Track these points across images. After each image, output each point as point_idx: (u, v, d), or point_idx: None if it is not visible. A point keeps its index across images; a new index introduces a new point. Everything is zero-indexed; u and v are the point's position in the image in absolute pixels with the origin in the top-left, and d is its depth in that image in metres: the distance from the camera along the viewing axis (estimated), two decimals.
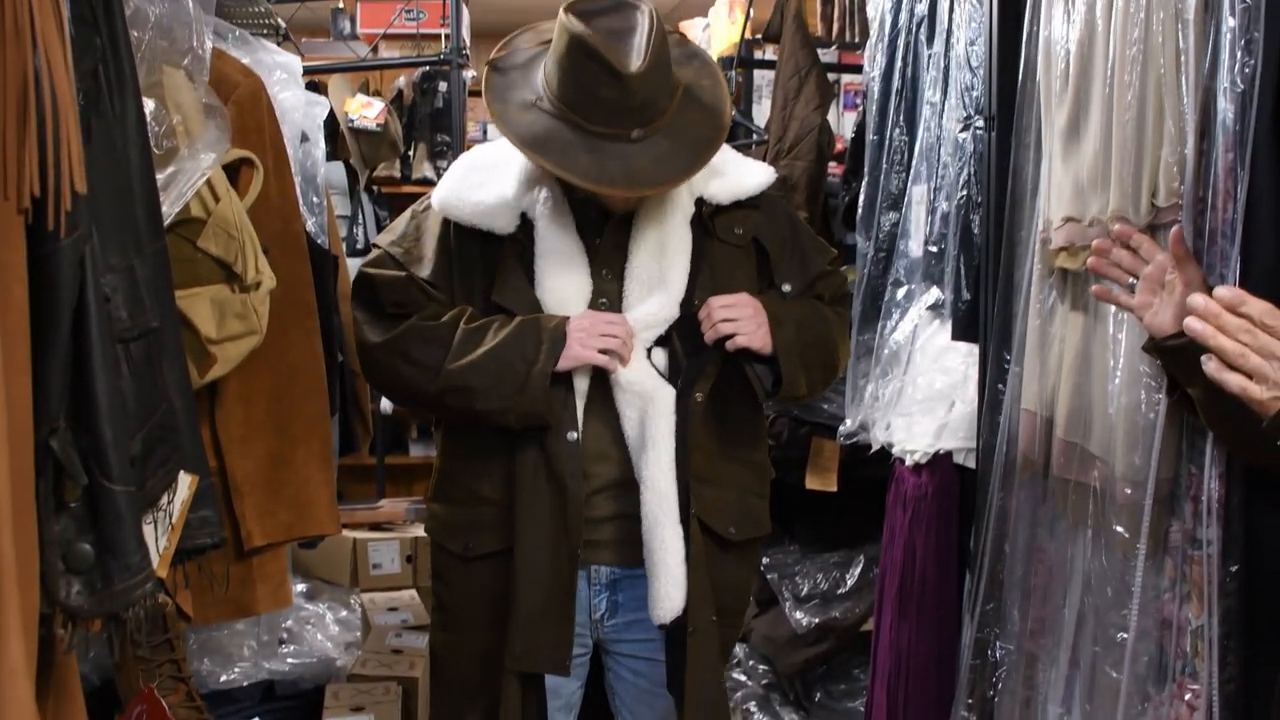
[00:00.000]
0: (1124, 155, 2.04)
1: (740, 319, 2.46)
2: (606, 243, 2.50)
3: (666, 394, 2.45)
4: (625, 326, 2.43)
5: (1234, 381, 1.55)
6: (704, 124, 2.44)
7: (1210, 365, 1.57)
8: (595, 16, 2.32)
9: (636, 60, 2.27)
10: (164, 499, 1.81)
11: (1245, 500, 1.82)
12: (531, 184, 2.51)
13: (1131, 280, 1.91)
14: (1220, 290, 1.58)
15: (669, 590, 2.40)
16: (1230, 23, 1.81)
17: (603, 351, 2.41)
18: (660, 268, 2.48)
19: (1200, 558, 1.88)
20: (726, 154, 2.59)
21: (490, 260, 2.50)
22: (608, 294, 2.49)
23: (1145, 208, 2.00)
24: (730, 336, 2.45)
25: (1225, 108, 1.82)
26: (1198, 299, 1.58)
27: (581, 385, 2.46)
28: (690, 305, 2.48)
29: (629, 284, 2.48)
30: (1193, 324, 1.59)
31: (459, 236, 2.52)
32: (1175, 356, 1.80)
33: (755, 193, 2.59)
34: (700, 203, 2.53)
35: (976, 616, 2.54)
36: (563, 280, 2.47)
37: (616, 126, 2.32)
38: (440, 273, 2.53)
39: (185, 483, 1.87)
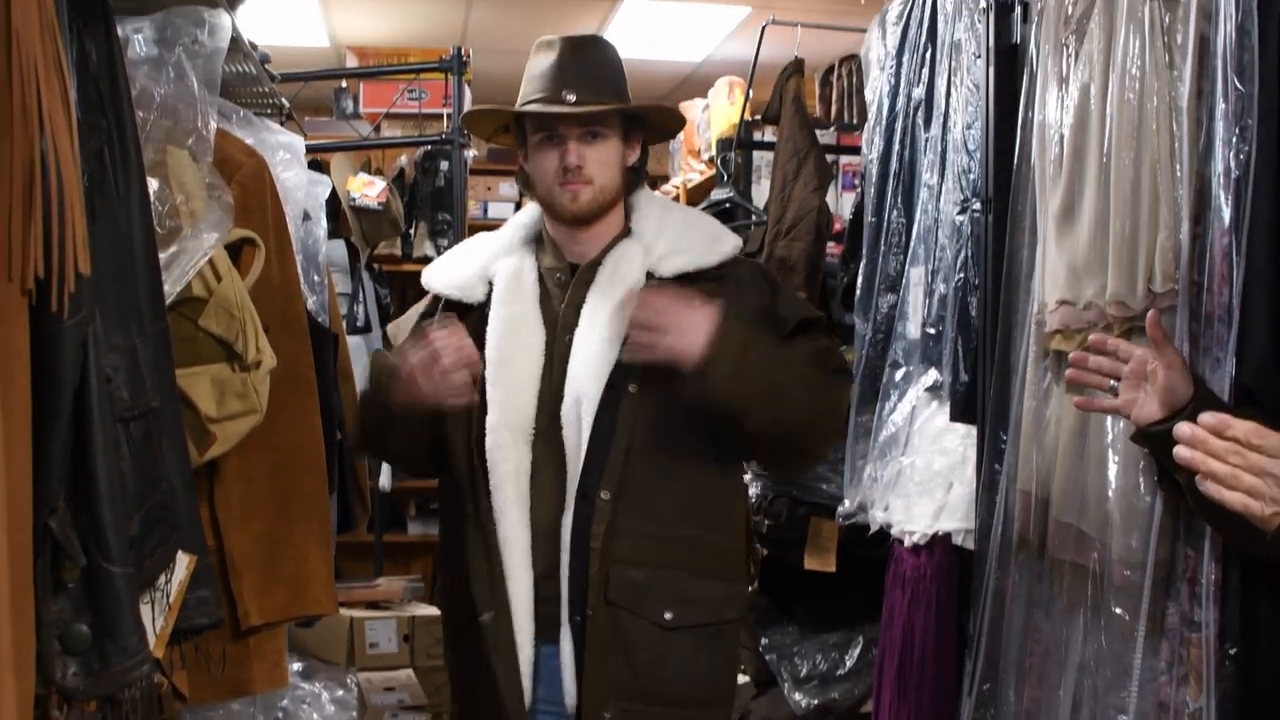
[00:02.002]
0: (1120, 240, 2.05)
1: (662, 326, 2.30)
2: (569, 308, 2.50)
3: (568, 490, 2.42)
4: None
5: (1235, 501, 1.56)
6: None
7: (1208, 486, 1.58)
8: None
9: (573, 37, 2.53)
10: (162, 579, 1.81)
11: (1242, 583, 1.82)
12: (502, 254, 2.58)
13: (1113, 383, 1.92)
14: (1205, 416, 1.60)
15: (565, 682, 2.41)
16: (1223, 109, 1.84)
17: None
18: (594, 340, 2.43)
19: (1198, 640, 1.87)
20: (699, 227, 2.59)
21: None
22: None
23: (1142, 292, 2.02)
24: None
25: (1220, 193, 1.84)
26: (1184, 428, 1.60)
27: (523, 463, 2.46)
28: (622, 381, 2.39)
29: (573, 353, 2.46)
30: (1182, 452, 1.60)
31: (444, 312, 2.56)
32: (1162, 443, 1.81)
33: (713, 264, 2.50)
34: (649, 277, 2.47)
35: (974, 696, 2.53)
36: (508, 342, 2.47)
37: (551, 90, 2.48)
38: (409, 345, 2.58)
39: (183, 562, 1.87)
